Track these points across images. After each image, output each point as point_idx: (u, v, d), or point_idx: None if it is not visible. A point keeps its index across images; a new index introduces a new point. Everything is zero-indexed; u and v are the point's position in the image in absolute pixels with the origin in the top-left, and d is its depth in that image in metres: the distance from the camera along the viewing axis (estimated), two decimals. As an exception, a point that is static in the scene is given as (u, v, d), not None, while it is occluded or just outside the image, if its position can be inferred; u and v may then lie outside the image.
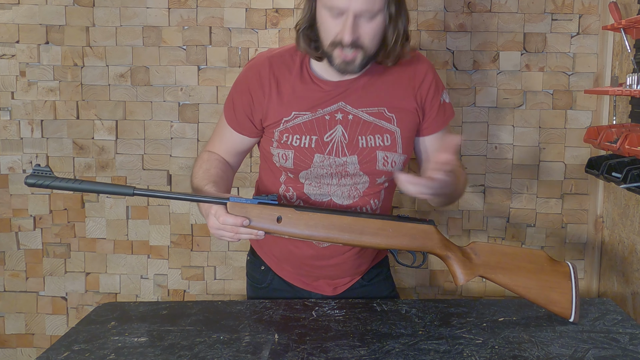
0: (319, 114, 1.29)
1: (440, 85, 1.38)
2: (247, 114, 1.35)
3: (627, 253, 1.79)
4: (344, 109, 1.29)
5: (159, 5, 1.97)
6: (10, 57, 2.00)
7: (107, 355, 1.11)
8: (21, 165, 2.04)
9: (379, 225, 1.20)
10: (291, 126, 1.30)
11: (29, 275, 2.08)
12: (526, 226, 2.06)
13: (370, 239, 1.20)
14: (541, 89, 2.00)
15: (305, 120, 1.29)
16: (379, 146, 1.30)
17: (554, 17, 1.97)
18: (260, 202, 1.17)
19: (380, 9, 1.19)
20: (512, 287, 1.24)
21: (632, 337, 1.18)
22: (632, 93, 1.49)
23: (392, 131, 1.31)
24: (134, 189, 1.13)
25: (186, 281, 2.09)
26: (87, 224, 2.07)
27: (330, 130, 1.29)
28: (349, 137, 1.29)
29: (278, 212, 1.18)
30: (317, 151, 1.29)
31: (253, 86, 1.33)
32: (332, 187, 1.33)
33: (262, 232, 1.18)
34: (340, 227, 1.19)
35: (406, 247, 1.21)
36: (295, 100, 1.30)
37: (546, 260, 1.25)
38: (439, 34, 1.98)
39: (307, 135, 1.29)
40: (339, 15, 1.18)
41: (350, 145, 1.30)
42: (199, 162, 1.38)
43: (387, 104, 1.31)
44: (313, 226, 1.18)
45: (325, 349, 1.12)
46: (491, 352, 1.11)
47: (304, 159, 1.30)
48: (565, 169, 2.03)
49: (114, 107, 2.02)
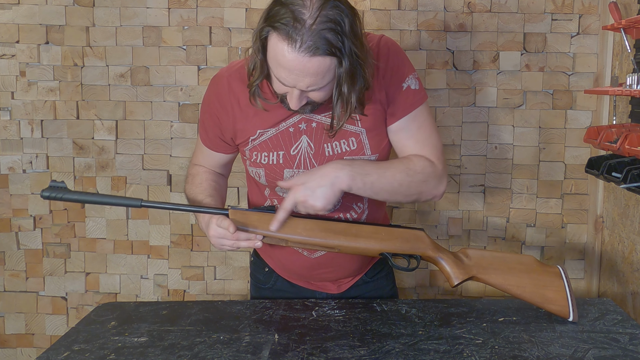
0: (282, 127, 1.25)
1: (403, 70, 1.25)
2: (217, 134, 1.33)
3: (627, 253, 1.79)
4: (307, 118, 1.24)
5: (159, 5, 1.97)
6: (10, 57, 2.00)
7: (107, 355, 1.11)
8: (21, 165, 2.04)
9: (372, 229, 1.24)
10: (258, 144, 1.27)
11: (29, 275, 2.08)
12: (526, 226, 2.06)
13: (365, 242, 1.23)
14: (541, 89, 2.00)
15: (270, 136, 1.26)
16: (346, 151, 1.25)
17: (554, 17, 1.97)
18: (259, 211, 1.22)
19: (329, 79, 1.09)
20: (506, 288, 1.25)
21: (632, 337, 1.18)
22: (632, 93, 1.49)
23: (357, 133, 1.25)
24: (141, 200, 1.18)
25: (186, 281, 2.09)
26: (87, 224, 2.07)
27: (296, 143, 1.26)
28: (315, 147, 1.25)
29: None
30: (286, 166, 1.26)
31: (215, 107, 1.30)
32: None
33: (260, 242, 1.20)
34: (335, 231, 1.22)
35: (399, 249, 1.24)
36: (257, 118, 1.26)
37: (535, 263, 1.27)
38: (439, 34, 1.98)
39: (274, 151, 1.26)
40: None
41: (317, 155, 1.25)
42: (189, 178, 1.40)
43: None
44: (310, 230, 1.21)
45: (325, 349, 1.12)
46: (491, 352, 1.11)
47: (274, 175, 1.28)
48: (565, 169, 2.03)
49: (114, 107, 2.02)
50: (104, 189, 2.04)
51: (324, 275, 1.41)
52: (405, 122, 1.26)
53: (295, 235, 1.21)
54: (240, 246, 1.21)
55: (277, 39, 1.06)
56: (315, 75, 1.06)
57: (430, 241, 1.26)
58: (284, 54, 1.05)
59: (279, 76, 1.09)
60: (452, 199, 2.04)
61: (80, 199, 1.19)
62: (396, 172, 1.22)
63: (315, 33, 1.03)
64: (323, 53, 1.04)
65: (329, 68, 1.07)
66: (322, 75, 1.07)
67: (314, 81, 1.08)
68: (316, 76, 1.07)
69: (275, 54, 1.07)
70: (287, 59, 1.05)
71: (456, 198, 2.05)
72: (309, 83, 1.08)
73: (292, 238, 1.21)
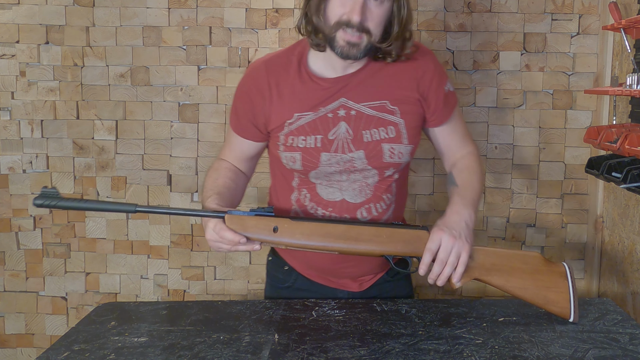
0: (321, 113, 1.29)
1: (443, 75, 1.37)
2: (250, 119, 1.35)
3: (627, 253, 1.79)
4: (346, 105, 1.29)
5: (159, 5, 1.97)
6: (10, 57, 2.00)
7: (107, 355, 1.11)
8: (21, 165, 2.04)
9: (373, 231, 1.22)
10: (295, 128, 1.29)
11: (29, 275, 2.08)
12: (526, 226, 2.06)
13: (366, 245, 1.22)
14: (541, 89, 2.00)
15: (309, 120, 1.29)
16: (384, 139, 1.29)
17: (554, 17, 1.97)
18: (257, 214, 1.20)
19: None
20: (507, 289, 1.24)
21: (632, 337, 1.18)
22: (632, 93, 1.49)
23: (396, 122, 1.30)
24: (135, 206, 1.17)
25: (186, 281, 2.10)
26: (87, 224, 2.07)
27: (334, 128, 1.28)
28: (354, 133, 1.29)
29: (274, 223, 1.20)
30: (323, 150, 1.29)
31: (252, 92, 1.33)
32: (343, 183, 1.32)
33: (259, 246, 1.21)
34: (335, 235, 1.21)
35: (401, 252, 1.23)
36: (295, 101, 1.29)
37: (541, 262, 1.25)
38: (439, 34, 1.98)
39: (312, 135, 1.29)
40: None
41: (355, 141, 1.29)
42: (209, 171, 1.40)
43: (389, 97, 1.30)
44: (309, 235, 1.20)
45: (325, 349, 1.12)
46: (491, 352, 1.11)
47: (311, 159, 1.30)
48: (565, 169, 2.03)
49: (114, 107, 2.02)
50: (104, 189, 2.04)
51: (347, 270, 1.40)
52: (450, 123, 1.39)
53: (294, 240, 1.20)
54: (239, 250, 1.21)
55: None
56: None
57: None
58: None
59: None
60: (452, 199, 2.04)
61: (73, 205, 1.18)
62: (478, 183, 1.36)
63: None
64: None
65: None
66: None
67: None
68: None
69: None
70: None
71: (456, 198, 2.05)
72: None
73: (290, 242, 1.21)
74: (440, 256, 1.19)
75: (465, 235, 1.21)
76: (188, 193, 2.06)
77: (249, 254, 2.09)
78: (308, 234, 1.20)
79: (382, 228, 1.23)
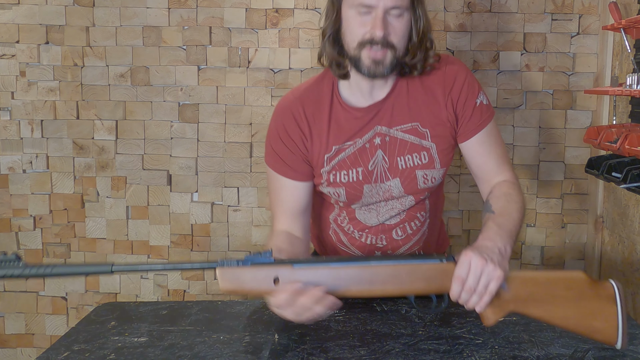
0: (359, 144, 1.28)
1: (475, 86, 1.30)
2: (298, 156, 1.30)
3: (627, 253, 1.79)
4: (380, 132, 1.27)
5: (159, 5, 1.97)
6: (10, 57, 2.00)
7: (107, 355, 1.11)
8: (21, 165, 2.04)
9: (390, 271, 1.06)
10: (337, 163, 1.29)
11: (29, 275, 2.08)
12: (526, 226, 2.06)
13: (382, 287, 1.06)
14: (541, 89, 2.00)
15: (349, 154, 1.28)
16: (417, 165, 1.29)
17: (554, 17, 1.97)
18: (253, 263, 1.04)
19: (407, 6, 1.19)
20: (548, 320, 1.09)
21: (632, 337, 1.18)
22: (632, 93, 1.49)
23: (428, 147, 1.29)
24: (112, 266, 1.00)
25: (186, 281, 2.09)
26: (87, 224, 2.07)
27: (373, 158, 1.28)
28: (389, 160, 1.28)
29: (274, 272, 1.04)
30: (365, 182, 1.29)
31: (291, 129, 1.29)
32: (381, 209, 1.34)
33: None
34: (346, 279, 1.05)
35: (423, 291, 1.07)
36: (333, 134, 1.28)
37: (586, 284, 1.08)
38: (439, 34, 1.98)
39: (353, 168, 1.28)
40: (367, 13, 1.17)
41: (392, 168, 1.29)
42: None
43: (419, 119, 1.28)
44: (315, 283, 1.04)
45: (325, 349, 1.12)
46: (491, 352, 1.11)
47: (355, 192, 1.30)
48: (565, 169, 2.03)
49: (114, 107, 2.02)
50: (104, 189, 2.04)
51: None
52: (482, 137, 1.29)
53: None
54: (315, 310, 1.04)
55: None
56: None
57: None
58: None
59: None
60: (452, 199, 2.04)
61: (38, 273, 0.98)
62: (517, 213, 1.20)
63: None
64: None
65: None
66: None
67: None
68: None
69: None
70: None
71: (456, 198, 2.05)
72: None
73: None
74: (468, 283, 1.02)
75: (498, 261, 1.04)
76: (188, 193, 2.06)
77: (249, 253, 2.08)
78: (314, 283, 1.04)
79: (401, 265, 1.06)
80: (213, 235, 2.08)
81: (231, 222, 2.07)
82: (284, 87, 2.00)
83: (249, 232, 2.07)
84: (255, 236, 2.07)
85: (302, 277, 1.03)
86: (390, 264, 1.06)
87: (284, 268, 1.04)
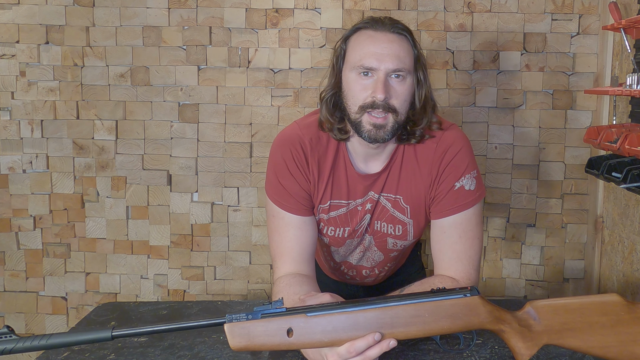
0: (352, 206, 1.28)
1: (462, 166, 1.23)
2: (302, 188, 1.26)
3: (627, 253, 1.79)
4: (372, 198, 1.28)
5: (159, 5, 1.97)
6: (10, 57, 2.00)
7: (107, 355, 1.11)
8: (21, 165, 2.04)
9: (412, 311, 0.97)
10: (327, 218, 1.29)
11: (29, 275, 2.08)
12: (526, 226, 2.06)
13: (405, 330, 0.97)
14: (541, 89, 2.00)
15: (341, 214, 1.29)
16: (390, 234, 1.32)
17: (554, 17, 1.97)
18: (263, 315, 0.95)
19: (410, 70, 1.17)
20: (586, 350, 1.01)
21: None
22: (632, 93, 1.49)
23: (405, 223, 1.29)
24: (112, 330, 0.92)
25: (186, 281, 2.09)
26: (87, 224, 2.07)
27: (361, 220, 1.30)
28: (370, 221, 1.32)
29: (287, 324, 0.95)
30: (349, 237, 1.33)
31: (299, 159, 1.25)
32: (355, 254, 1.40)
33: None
34: (365, 325, 0.96)
35: (448, 330, 0.98)
36: (330, 189, 1.27)
37: (623, 308, 1.00)
38: (439, 34, 1.98)
39: (341, 227, 1.31)
40: (369, 76, 1.15)
41: (371, 228, 1.33)
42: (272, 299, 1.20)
43: (403, 193, 1.26)
44: (332, 332, 0.95)
45: (325, 349, 1.12)
46: (491, 352, 1.11)
47: (337, 244, 1.36)
48: (565, 169, 2.03)
49: (114, 107, 2.02)
50: (104, 189, 2.04)
51: (364, 280, 1.50)
52: (447, 224, 1.23)
53: (315, 341, 0.96)
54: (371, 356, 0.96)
55: (361, 31, 1.19)
56: (400, 50, 1.15)
57: (488, 310, 0.98)
58: (370, 34, 1.16)
59: (364, 60, 1.14)
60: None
61: (34, 345, 0.89)
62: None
63: (394, 26, 1.18)
64: (404, 32, 1.18)
65: (408, 51, 1.17)
66: (406, 52, 1.17)
67: (398, 58, 1.14)
68: (400, 51, 1.15)
69: (360, 40, 1.17)
70: (374, 37, 1.16)
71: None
72: (394, 61, 1.14)
73: (312, 344, 0.96)
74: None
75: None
76: (188, 193, 2.06)
77: (249, 253, 2.09)
78: (331, 331, 0.95)
79: (423, 303, 0.97)
80: (213, 235, 2.08)
81: (231, 222, 2.07)
82: (284, 87, 2.00)
83: (249, 232, 2.07)
84: (255, 236, 2.07)
85: (317, 326, 0.95)
86: (411, 304, 0.97)
87: (297, 318, 0.95)
